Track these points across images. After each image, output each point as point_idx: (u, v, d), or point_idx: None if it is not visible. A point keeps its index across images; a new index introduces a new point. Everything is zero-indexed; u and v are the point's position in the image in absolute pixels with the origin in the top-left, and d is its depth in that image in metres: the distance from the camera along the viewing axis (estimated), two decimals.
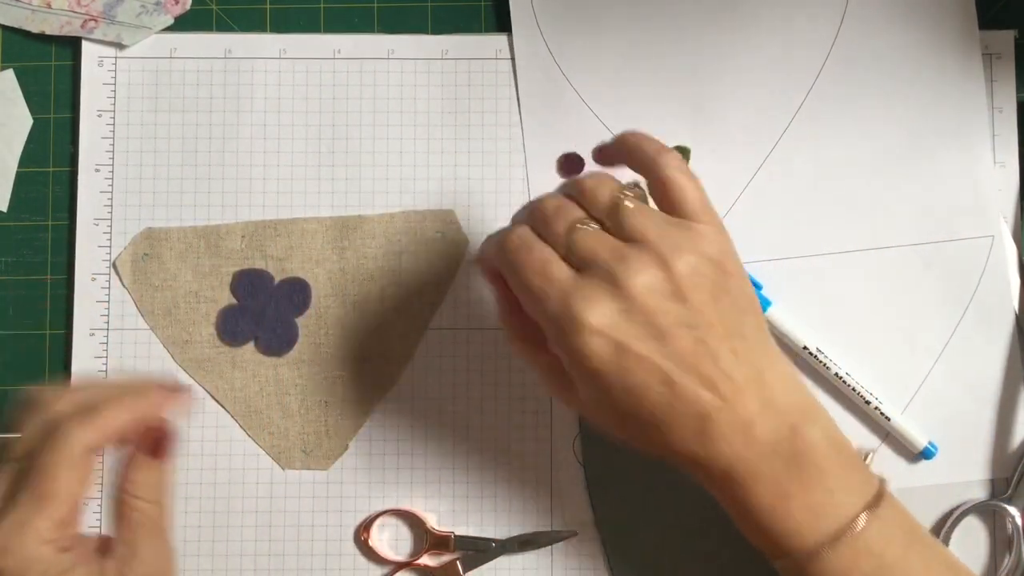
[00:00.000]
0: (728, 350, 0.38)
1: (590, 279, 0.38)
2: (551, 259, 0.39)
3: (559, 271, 0.39)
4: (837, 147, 0.52)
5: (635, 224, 0.39)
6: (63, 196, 0.53)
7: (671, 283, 0.38)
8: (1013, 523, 0.50)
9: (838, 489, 0.39)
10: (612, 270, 0.38)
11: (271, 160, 0.53)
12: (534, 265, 0.39)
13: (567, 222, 0.39)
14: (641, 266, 0.38)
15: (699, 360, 0.38)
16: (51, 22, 0.53)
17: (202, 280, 0.52)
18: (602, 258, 0.38)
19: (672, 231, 0.39)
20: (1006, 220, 0.52)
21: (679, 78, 0.53)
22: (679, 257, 0.38)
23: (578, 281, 0.38)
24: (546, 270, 0.39)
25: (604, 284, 0.38)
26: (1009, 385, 0.51)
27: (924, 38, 0.52)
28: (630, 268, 0.37)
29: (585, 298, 0.37)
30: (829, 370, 0.50)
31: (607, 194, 0.40)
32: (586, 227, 0.39)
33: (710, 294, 0.38)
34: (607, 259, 0.38)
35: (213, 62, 0.53)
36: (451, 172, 0.53)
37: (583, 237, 0.39)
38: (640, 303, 0.37)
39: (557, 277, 0.38)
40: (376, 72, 0.53)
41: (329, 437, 0.51)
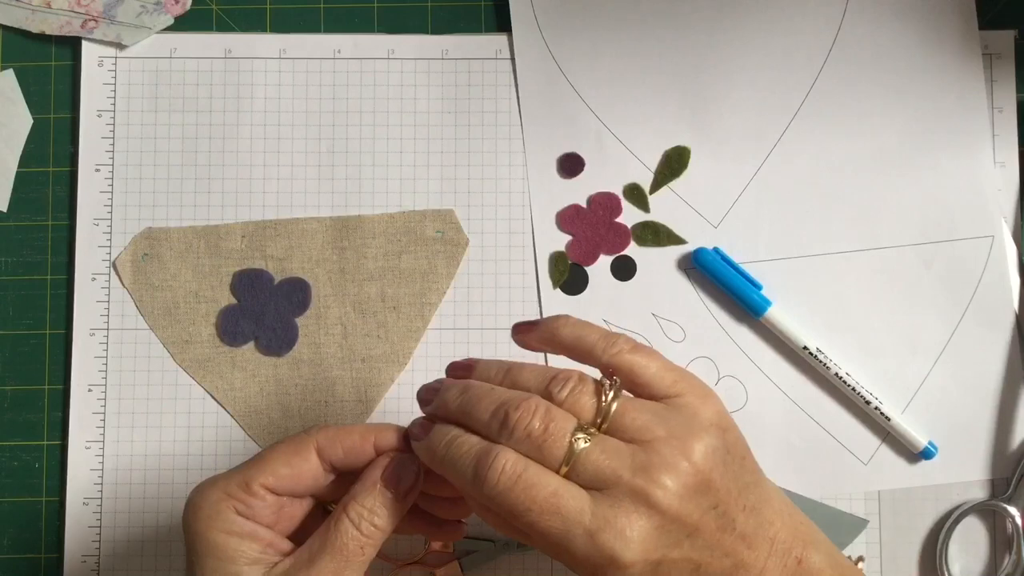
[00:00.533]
0: (740, 510, 0.36)
1: (613, 502, 0.34)
2: (558, 488, 0.34)
3: (574, 501, 0.34)
4: (837, 147, 0.52)
5: (634, 425, 0.35)
6: (63, 196, 0.53)
7: (694, 478, 0.35)
8: (1013, 523, 0.50)
9: None
10: (637, 488, 0.34)
11: (271, 160, 0.53)
12: (544, 503, 0.34)
13: (564, 442, 0.35)
14: (665, 472, 0.34)
15: (723, 536, 0.36)
16: (51, 22, 0.53)
17: (202, 280, 0.52)
18: (623, 477, 0.34)
19: (671, 418, 0.36)
20: (1006, 220, 0.52)
21: (679, 78, 0.53)
22: (693, 446, 0.35)
23: (600, 508, 0.34)
24: (560, 506, 0.34)
25: (631, 504, 0.34)
26: (1009, 385, 0.51)
27: (924, 38, 0.52)
28: (655, 480, 0.34)
29: (618, 533, 0.34)
30: (829, 370, 0.50)
31: (589, 400, 0.36)
32: (586, 441, 0.35)
33: (723, 464, 0.36)
34: (627, 477, 0.34)
35: (213, 62, 0.53)
36: (451, 172, 0.53)
37: (590, 456, 0.35)
38: (673, 514, 0.34)
39: (575, 509, 0.34)
40: (376, 72, 0.53)
41: None
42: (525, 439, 0.35)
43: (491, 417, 0.36)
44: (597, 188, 0.52)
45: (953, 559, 0.51)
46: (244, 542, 0.37)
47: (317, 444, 0.38)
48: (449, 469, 0.36)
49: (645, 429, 0.35)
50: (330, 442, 0.38)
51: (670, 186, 0.52)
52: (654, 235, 0.52)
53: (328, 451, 0.38)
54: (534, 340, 0.40)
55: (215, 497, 0.37)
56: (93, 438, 0.51)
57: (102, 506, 0.51)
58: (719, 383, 0.51)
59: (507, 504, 0.34)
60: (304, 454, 0.38)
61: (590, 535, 0.34)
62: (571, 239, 0.52)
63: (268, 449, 0.39)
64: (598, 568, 0.34)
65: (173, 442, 0.51)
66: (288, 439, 0.39)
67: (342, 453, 0.38)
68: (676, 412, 0.36)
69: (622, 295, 0.52)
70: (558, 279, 0.52)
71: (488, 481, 0.34)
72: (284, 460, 0.38)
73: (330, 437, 0.38)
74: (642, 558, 0.34)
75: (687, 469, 0.35)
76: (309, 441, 0.38)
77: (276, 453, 0.38)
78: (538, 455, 0.35)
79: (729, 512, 0.36)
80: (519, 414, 0.35)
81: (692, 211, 0.52)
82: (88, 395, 0.52)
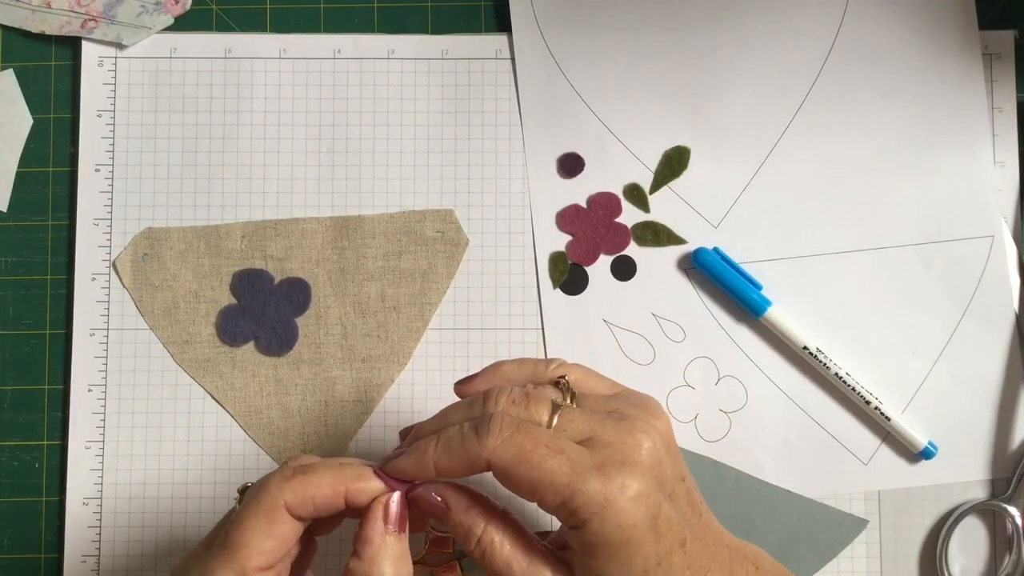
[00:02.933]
0: (699, 501, 0.38)
1: (607, 446, 0.36)
2: (557, 435, 0.36)
3: (572, 445, 0.35)
4: (837, 147, 0.52)
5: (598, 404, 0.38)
6: (63, 196, 0.53)
7: (663, 439, 0.37)
8: (1013, 523, 0.50)
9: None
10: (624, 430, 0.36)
11: (271, 160, 0.53)
12: (549, 444, 0.35)
13: (546, 406, 0.37)
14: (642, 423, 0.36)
15: (693, 515, 0.37)
16: (51, 22, 0.53)
17: (202, 280, 0.52)
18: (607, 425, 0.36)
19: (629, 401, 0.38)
20: (1006, 220, 0.52)
21: (679, 78, 0.53)
22: (657, 411, 0.38)
23: (598, 451, 0.35)
24: (561, 446, 0.35)
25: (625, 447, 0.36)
26: (1009, 385, 0.51)
27: (924, 38, 0.52)
28: (637, 425, 0.36)
29: (621, 463, 0.35)
30: (829, 370, 0.50)
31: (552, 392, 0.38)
32: (569, 406, 0.37)
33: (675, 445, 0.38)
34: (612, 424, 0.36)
35: (213, 62, 0.53)
36: (451, 172, 0.53)
37: (570, 415, 0.37)
38: (657, 458, 0.36)
39: (575, 450, 0.35)
40: (376, 72, 0.53)
41: (329, 437, 0.51)
42: (510, 406, 0.37)
43: (469, 407, 0.37)
44: (597, 188, 0.52)
45: (953, 559, 0.51)
46: None
47: (287, 504, 0.36)
48: (445, 455, 0.36)
49: (608, 406, 0.38)
50: (300, 501, 0.36)
51: (670, 186, 0.52)
52: (654, 235, 0.52)
53: (299, 510, 0.37)
54: (480, 383, 0.41)
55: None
56: (93, 438, 0.51)
57: (102, 506, 0.51)
58: (719, 383, 0.51)
59: (513, 452, 0.35)
60: (279, 520, 0.36)
61: (599, 469, 0.35)
62: (571, 239, 0.52)
63: (240, 523, 0.36)
64: (610, 502, 0.34)
65: (173, 442, 0.51)
66: (254, 505, 0.36)
67: (313, 509, 0.37)
68: (627, 398, 0.39)
69: (622, 295, 0.52)
70: (558, 279, 0.52)
71: (492, 435, 0.35)
72: (264, 533, 0.36)
73: (298, 495, 0.36)
74: (646, 490, 0.35)
75: (659, 428, 0.37)
76: (279, 505, 0.36)
77: (252, 529, 0.36)
78: (527, 416, 0.36)
79: (692, 494, 0.38)
80: (497, 394, 0.37)
81: (692, 211, 0.52)
82: (88, 395, 0.52)
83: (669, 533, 0.35)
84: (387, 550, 0.37)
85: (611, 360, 0.51)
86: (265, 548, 0.36)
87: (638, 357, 0.52)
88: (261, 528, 0.36)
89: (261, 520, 0.36)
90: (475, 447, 0.35)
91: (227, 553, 0.36)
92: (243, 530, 0.36)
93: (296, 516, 0.37)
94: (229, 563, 0.36)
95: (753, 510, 0.48)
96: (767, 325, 0.51)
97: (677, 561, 0.36)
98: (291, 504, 0.36)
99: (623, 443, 0.36)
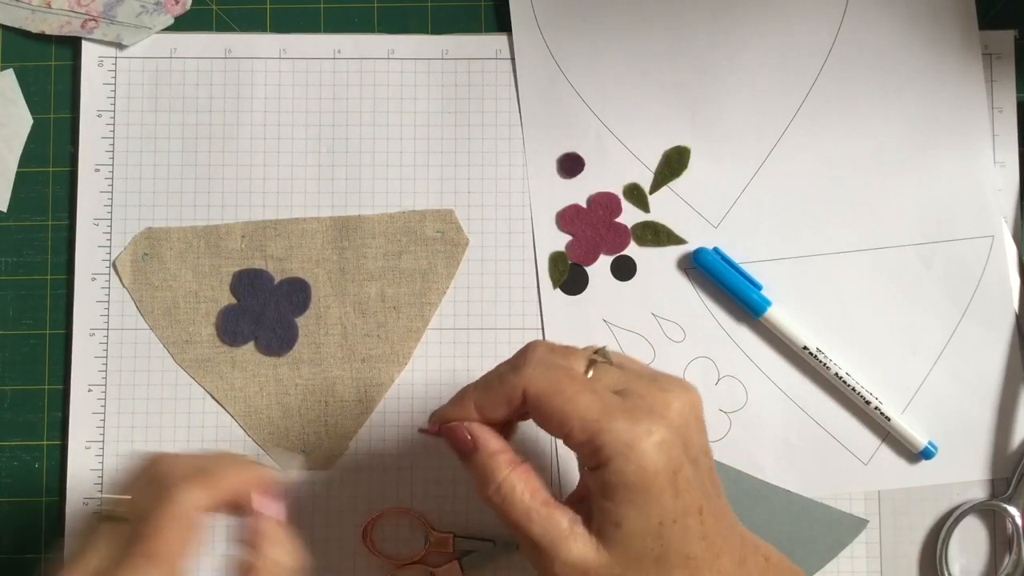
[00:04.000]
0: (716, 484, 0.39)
1: (640, 398, 0.37)
2: (592, 379, 0.38)
3: (604, 391, 0.37)
4: (837, 147, 0.52)
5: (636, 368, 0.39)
6: (63, 196, 0.53)
7: (695, 407, 0.38)
8: (1013, 523, 0.50)
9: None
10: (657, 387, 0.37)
11: (271, 160, 0.53)
12: (580, 382, 0.37)
13: (584, 357, 0.38)
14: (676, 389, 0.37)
15: (713, 489, 0.38)
16: (51, 22, 0.53)
17: (202, 280, 0.52)
18: (641, 382, 0.37)
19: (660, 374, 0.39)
20: (1006, 220, 0.52)
21: (679, 78, 0.53)
22: (689, 387, 0.38)
23: (630, 399, 0.37)
24: (595, 387, 0.37)
25: (654, 401, 0.37)
26: (1009, 385, 0.51)
27: (924, 38, 0.52)
28: (670, 387, 0.37)
29: (649, 411, 0.36)
30: (829, 370, 0.50)
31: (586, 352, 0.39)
32: (604, 360, 0.39)
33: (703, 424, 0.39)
34: (646, 382, 0.37)
35: (213, 62, 0.53)
36: (451, 172, 0.53)
37: (607, 368, 0.38)
38: (683, 422, 0.37)
39: (608, 394, 0.37)
40: (376, 72, 0.53)
41: (329, 437, 0.51)
42: (548, 354, 0.38)
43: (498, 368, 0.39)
44: (597, 188, 0.52)
45: (953, 559, 0.51)
46: None
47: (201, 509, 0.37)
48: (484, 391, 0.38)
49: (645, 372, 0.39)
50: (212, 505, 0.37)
51: (670, 186, 0.52)
52: (654, 235, 0.52)
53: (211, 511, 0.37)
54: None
55: None
56: (93, 438, 0.51)
57: (102, 506, 0.51)
58: (719, 383, 0.51)
59: (549, 382, 0.37)
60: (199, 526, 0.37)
61: (627, 411, 0.36)
62: (571, 239, 0.52)
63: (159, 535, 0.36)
64: (634, 444, 0.35)
65: (173, 442, 0.51)
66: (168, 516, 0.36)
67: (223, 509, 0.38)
68: (662, 373, 0.39)
69: (622, 295, 0.52)
70: (558, 279, 0.52)
71: (529, 366, 0.37)
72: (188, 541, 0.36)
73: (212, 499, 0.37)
74: (670, 442, 0.35)
75: (691, 399, 0.37)
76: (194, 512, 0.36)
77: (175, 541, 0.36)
78: (565, 364, 0.38)
79: (714, 472, 0.38)
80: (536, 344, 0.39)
81: (692, 211, 0.52)
82: (88, 395, 0.52)
83: (688, 494, 0.36)
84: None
85: None
86: (185, 555, 0.36)
87: (638, 357, 0.51)
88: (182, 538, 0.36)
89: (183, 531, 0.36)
90: (512, 378, 0.37)
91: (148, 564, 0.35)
92: (164, 540, 0.36)
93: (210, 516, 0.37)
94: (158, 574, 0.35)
95: (753, 510, 0.48)
96: (767, 325, 0.51)
97: (693, 526, 0.36)
98: (206, 507, 0.36)
99: (654, 397, 0.37)
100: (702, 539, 0.36)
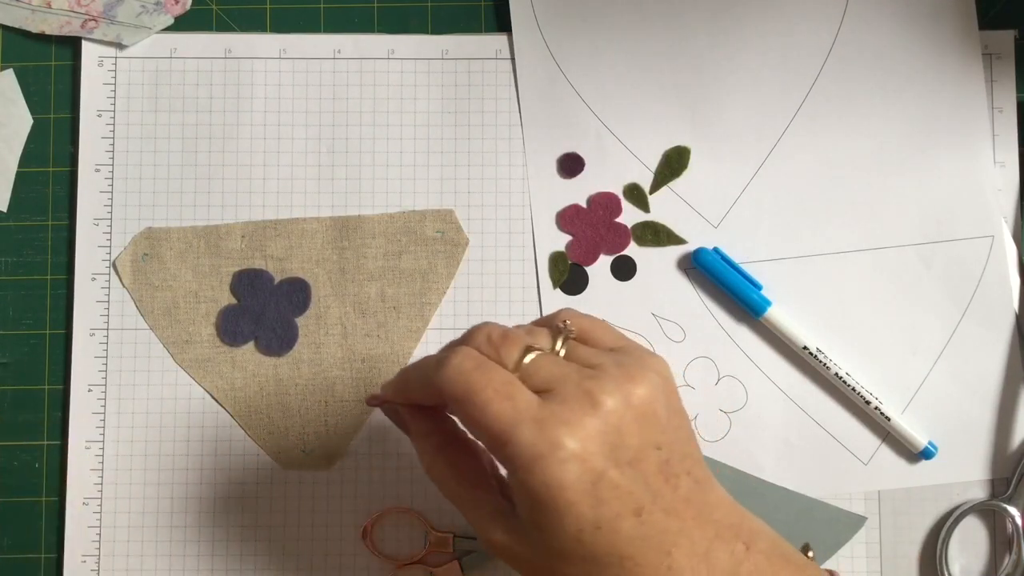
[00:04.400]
0: (684, 472, 0.36)
1: (562, 399, 0.35)
2: (513, 380, 0.35)
3: (524, 393, 0.35)
4: (837, 147, 0.52)
5: (585, 356, 0.37)
6: (63, 196, 0.53)
7: (639, 402, 0.35)
8: (1013, 523, 0.50)
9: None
10: (585, 389, 0.35)
11: (271, 160, 0.53)
12: (496, 387, 0.35)
13: (519, 348, 0.36)
14: (612, 385, 0.35)
15: (665, 487, 0.35)
16: (51, 22, 0.53)
17: (202, 280, 0.52)
18: (571, 379, 0.35)
19: (621, 359, 0.36)
20: (1006, 220, 0.52)
21: (679, 78, 0.53)
22: (643, 376, 0.36)
23: (549, 404, 0.34)
24: (511, 392, 0.35)
25: (577, 405, 0.34)
26: (1009, 385, 0.51)
27: (924, 38, 0.52)
28: (603, 386, 0.35)
29: (564, 421, 0.34)
30: (829, 370, 0.50)
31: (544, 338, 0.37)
32: (542, 352, 0.36)
33: (667, 412, 0.36)
34: (576, 379, 0.35)
35: (213, 62, 0.53)
36: (451, 172, 0.53)
37: (542, 361, 0.36)
38: (614, 423, 0.34)
39: (524, 399, 0.35)
40: (376, 72, 0.53)
41: (329, 437, 0.52)
42: (485, 342, 0.37)
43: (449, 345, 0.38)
44: (597, 188, 0.52)
45: (953, 559, 0.51)
46: None
47: None
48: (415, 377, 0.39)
49: (595, 359, 0.36)
50: None
51: (670, 186, 0.52)
52: (654, 235, 0.52)
53: None
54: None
55: None
56: (93, 438, 0.51)
57: (102, 506, 0.51)
58: (719, 383, 0.51)
59: (463, 388, 0.35)
60: None
61: (538, 422, 0.34)
62: (571, 239, 0.52)
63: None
64: (538, 458, 0.34)
65: (173, 442, 0.51)
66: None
67: None
68: (625, 355, 0.37)
69: (622, 295, 0.52)
70: (558, 279, 0.52)
71: (448, 367, 0.36)
72: None
73: None
74: (583, 456, 0.34)
75: (633, 392, 0.35)
76: None
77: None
78: (495, 356, 0.36)
79: (672, 464, 0.36)
80: (476, 331, 0.37)
81: (692, 211, 0.52)
82: (88, 395, 0.52)
83: (615, 500, 0.34)
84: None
85: None
86: None
87: None
88: None
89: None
90: (431, 375, 0.36)
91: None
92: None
93: None
94: None
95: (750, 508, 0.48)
96: (767, 325, 0.51)
97: (627, 529, 0.34)
98: None
99: (579, 402, 0.34)
100: (641, 540, 0.35)
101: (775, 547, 0.37)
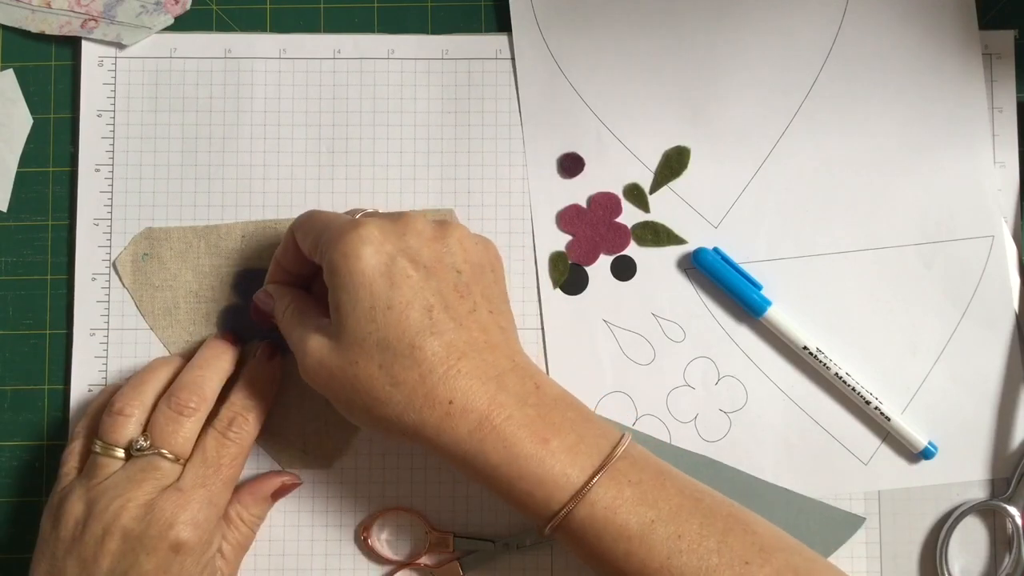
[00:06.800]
0: (485, 304, 0.43)
1: (375, 216, 0.44)
2: (339, 214, 0.46)
3: (347, 217, 0.44)
4: (837, 147, 0.52)
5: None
6: (63, 196, 0.53)
7: (445, 234, 0.43)
8: (1013, 523, 0.50)
9: (587, 432, 0.42)
10: (395, 214, 0.44)
11: (271, 160, 0.53)
12: (328, 214, 0.45)
13: (352, 210, 0.47)
14: (421, 219, 0.43)
15: (457, 301, 0.42)
16: (51, 22, 0.53)
17: (202, 280, 0.52)
18: (391, 214, 0.44)
19: (438, 223, 0.45)
20: (1006, 220, 0.52)
21: (679, 78, 0.53)
22: (454, 227, 0.44)
23: (365, 217, 0.43)
24: (335, 214, 0.45)
25: (386, 219, 0.43)
26: (1009, 385, 0.51)
27: (924, 38, 0.52)
28: (411, 215, 0.43)
29: (371, 221, 0.42)
30: (829, 370, 0.50)
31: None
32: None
33: (478, 263, 0.44)
34: (388, 214, 0.44)
35: (213, 62, 0.53)
36: (451, 172, 0.53)
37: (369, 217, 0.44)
38: (414, 230, 0.42)
39: (347, 216, 0.44)
40: (376, 72, 0.53)
41: (329, 437, 0.51)
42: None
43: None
44: (597, 188, 0.52)
45: (953, 559, 0.51)
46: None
47: None
48: (278, 254, 0.48)
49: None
50: None
51: (670, 186, 0.52)
52: (654, 235, 0.52)
53: None
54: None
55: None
56: None
57: None
58: (719, 383, 0.51)
59: (301, 219, 0.46)
60: None
61: (352, 221, 0.42)
62: (571, 239, 0.52)
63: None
64: (343, 234, 0.41)
65: None
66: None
67: None
68: (447, 223, 0.45)
69: (622, 295, 0.52)
70: (558, 279, 0.52)
71: (298, 217, 0.46)
72: None
73: None
74: (377, 240, 0.41)
75: (439, 226, 0.44)
76: None
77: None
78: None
79: (471, 290, 0.43)
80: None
81: (692, 211, 0.52)
82: (88, 395, 0.51)
83: (407, 288, 0.41)
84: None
85: (611, 360, 0.51)
86: None
87: (638, 357, 0.52)
88: None
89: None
90: (288, 235, 0.46)
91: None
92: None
93: None
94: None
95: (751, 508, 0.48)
96: (767, 325, 0.51)
97: (416, 318, 0.40)
98: None
99: (388, 217, 0.44)
100: (431, 334, 0.40)
101: (565, 393, 0.44)
